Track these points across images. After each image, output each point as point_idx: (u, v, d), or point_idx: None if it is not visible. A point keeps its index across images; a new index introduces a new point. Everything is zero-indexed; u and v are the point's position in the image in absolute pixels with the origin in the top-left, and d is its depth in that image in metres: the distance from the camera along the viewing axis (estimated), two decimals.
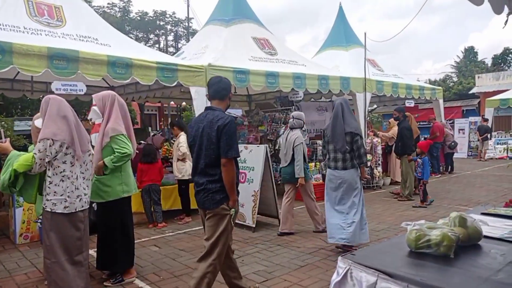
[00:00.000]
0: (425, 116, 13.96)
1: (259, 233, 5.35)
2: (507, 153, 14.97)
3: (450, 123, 13.85)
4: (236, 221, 5.73)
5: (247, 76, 7.17)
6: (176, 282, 3.74)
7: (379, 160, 8.99)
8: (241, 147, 6.11)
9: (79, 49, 5.39)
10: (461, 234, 1.70)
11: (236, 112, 11.64)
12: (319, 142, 8.82)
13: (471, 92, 23.89)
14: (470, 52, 34.52)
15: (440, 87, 12.42)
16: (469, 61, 33.42)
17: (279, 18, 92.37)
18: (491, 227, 1.97)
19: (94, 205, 4.04)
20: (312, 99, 11.77)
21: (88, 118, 3.96)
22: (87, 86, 5.88)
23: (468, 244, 1.74)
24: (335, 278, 1.65)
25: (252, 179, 5.61)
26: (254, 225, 5.44)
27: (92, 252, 4.12)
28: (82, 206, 3.12)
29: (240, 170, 5.82)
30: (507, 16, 3.24)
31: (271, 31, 9.28)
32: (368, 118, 12.99)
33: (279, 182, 8.46)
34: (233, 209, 2.93)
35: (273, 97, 10.51)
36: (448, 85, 29.46)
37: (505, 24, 3.27)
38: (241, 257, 4.37)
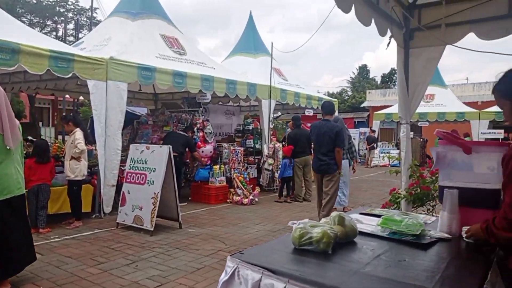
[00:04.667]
0: None
1: (157, 237, 5.17)
2: (389, 161, 16.98)
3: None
4: (133, 225, 5.47)
5: (152, 73, 6.91)
6: None
7: (280, 164, 9.40)
8: (142, 147, 5.88)
9: None
10: (339, 232, 1.85)
11: (140, 110, 11.15)
12: (225, 145, 8.91)
13: (362, 105, 26.60)
14: (363, 70, 38.46)
15: (336, 100, 13.54)
16: (362, 78, 37.22)
17: (192, 18, 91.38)
18: (366, 225, 2.19)
19: None
20: (220, 103, 11.84)
21: None
22: None
23: (346, 240, 1.90)
24: (223, 277, 1.66)
25: (152, 181, 5.40)
26: (152, 229, 5.23)
27: None
28: None
29: (140, 171, 5.59)
30: (390, 39, 3.69)
31: (181, 30, 9.12)
32: (272, 124, 13.59)
33: (183, 185, 8.34)
34: (341, 173, 5.63)
35: (181, 98, 10.32)
36: (344, 98, 32.40)
37: (388, 46, 3.71)
38: (134, 262, 4.16)
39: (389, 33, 3.42)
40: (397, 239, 1.96)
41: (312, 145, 6.48)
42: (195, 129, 8.27)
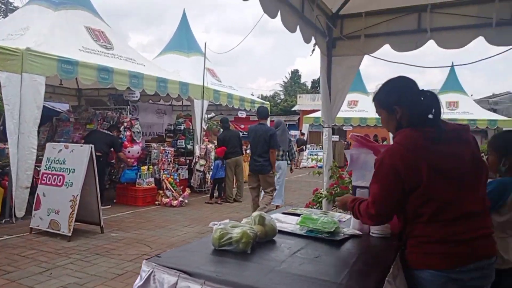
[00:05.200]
0: None
1: (75, 242, 4.83)
2: (316, 163, 17.80)
3: None
4: (48, 230, 5.06)
5: (74, 67, 6.47)
6: None
7: (212, 165, 9.35)
8: (60, 146, 5.49)
9: None
10: (259, 231, 1.89)
11: (61, 106, 10.36)
12: (154, 145, 8.64)
13: (293, 109, 27.55)
14: (295, 74, 39.86)
15: (267, 102, 13.85)
16: (294, 82, 38.56)
17: (123, 12, 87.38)
18: (286, 224, 2.26)
19: None
20: (151, 101, 11.49)
21: None
22: None
23: (265, 240, 1.94)
24: (137, 282, 1.59)
25: (71, 183, 5.03)
26: (70, 234, 4.88)
27: None
28: None
29: (57, 172, 5.21)
30: (314, 46, 3.86)
31: (110, 24, 8.68)
32: (206, 125, 13.49)
33: (107, 187, 7.91)
34: (275, 173, 6.38)
35: (107, 94, 9.80)
36: (276, 101, 33.31)
37: (312, 53, 3.89)
38: (48, 270, 3.85)
39: (313, 41, 3.58)
40: (314, 236, 2.05)
41: (246, 147, 6.84)
42: (121, 128, 7.91)
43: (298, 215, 2.56)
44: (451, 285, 1.67)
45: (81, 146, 5.41)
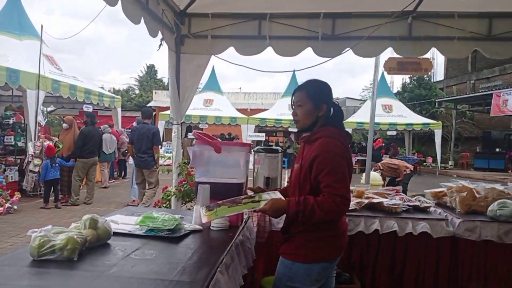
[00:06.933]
0: (105, 122, 14.29)
1: None
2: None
3: (127, 131, 14.76)
4: None
5: None
6: None
7: None
8: None
9: None
10: (89, 236, 1.74)
11: None
12: None
13: (149, 105, 26.58)
14: (151, 70, 38.50)
15: (119, 97, 13.03)
16: (150, 77, 37.22)
17: None
18: (124, 225, 2.15)
19: None
20: None
21: None
22: None
23: (98, 244, 1.80)
24: None
25: None
26: None
27: None
28: None
29: None
30: (161, 41, 3.79)
31: None
32: (45, 119, 11.85)
33: None
34: (158, 167, 6.86)
35: None
36: (131, 96, 31.60)
37: (159, 48, 3.81)
38: None
39: (160, 35, 3.50)
40: (153, 235, 2.01)
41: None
42: None
43: (136, 214, 2.47)
44: (328, 274, 1.99)
45: None
